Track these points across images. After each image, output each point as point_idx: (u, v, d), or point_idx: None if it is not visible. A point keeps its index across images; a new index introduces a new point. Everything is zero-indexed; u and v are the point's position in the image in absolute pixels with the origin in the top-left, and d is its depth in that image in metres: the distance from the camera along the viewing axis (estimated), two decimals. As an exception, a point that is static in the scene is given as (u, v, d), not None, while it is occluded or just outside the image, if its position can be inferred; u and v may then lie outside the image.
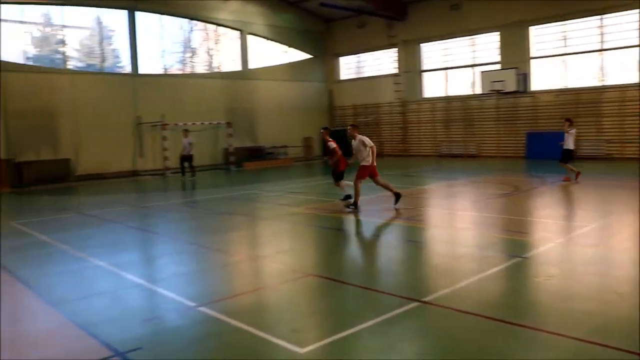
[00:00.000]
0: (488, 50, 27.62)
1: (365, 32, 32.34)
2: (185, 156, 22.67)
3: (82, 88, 24.54)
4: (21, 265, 8.58)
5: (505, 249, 8.46)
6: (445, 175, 19.80)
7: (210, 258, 8.93)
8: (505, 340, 4.98)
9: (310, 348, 4.89)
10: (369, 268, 8.07)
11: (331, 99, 35.01)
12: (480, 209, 12.35)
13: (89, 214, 13.63)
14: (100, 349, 5.05)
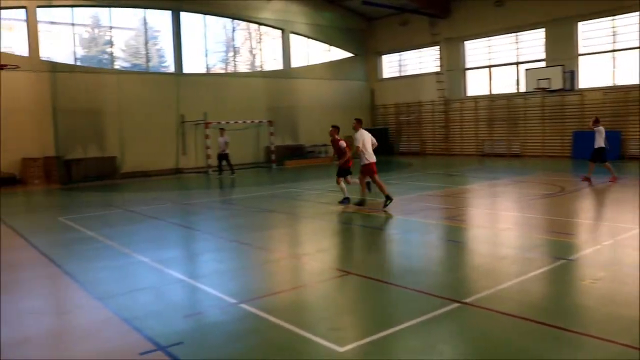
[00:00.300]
0: (533, 47, 27.08)
1: (408, 30, 32.10)
2: (222, 154, 22.92)
3: (128, 87, 25.10)
4: (68, 259, 8.82)
5: (550, 250, 8.27)
6: (487, 175, 19.48)
7: (251, 255, 9.00)
8: (548, 344, 4.86)
9: (349, 347, 4.87)
10: (409, 268, 8.00)
11: (373, 98, 34.88)
12: (523, 210, 12.11)
13: (134, 211, 13.92)
14: (143, 342, 5.14)
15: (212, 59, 29.38)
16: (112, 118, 24.73)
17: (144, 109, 25.38)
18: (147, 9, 26.39)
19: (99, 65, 26.00)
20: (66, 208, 15.39)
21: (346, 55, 33.90)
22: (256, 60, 31.12)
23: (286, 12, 30.63)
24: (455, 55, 30.26)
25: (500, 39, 28.38)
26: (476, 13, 28.67)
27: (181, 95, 26.48)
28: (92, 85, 24.21)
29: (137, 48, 27.37)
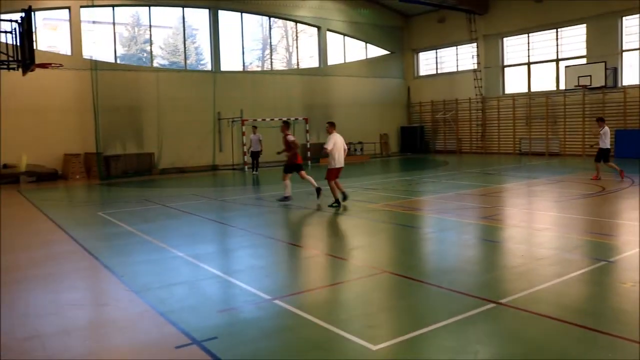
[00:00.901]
0: (573, 43, 26.50)
1: (445, 27, 31.78)
2: (256, 152, 22.83)
3: (166, 85, 25.50)
4: (107, 253, 9.00)
5: (589, 252, 8.08)
6: (525, 174, 19.15)
7: (285, 252, 9.04)
8: (586, 347, 4.75)
9: (383, 345, 4.85)
10: (444, 267, 7.91)
11: (409, 96, 34.65)
12: (562, 210, 11.86)
13: (170, 206, 14.12)
14: (179, 336, 5.21)
15: (249, 57, 29.65)
16: (150, 115, 25.16)
17: (182, 106, 25.75)
18: (185, 8, 26.73)
19: (139, 63, 26.49)
20: (105, 203, 15.71)
21: (382, 53, 33.74)
22: (292, 57, 31.23)
23: (323, 10, 30.65)
24: (493, 52, 29.83)
25: (540, 35, 27.85)
26: (515, 9, 28.19)
27: (218, 93, 26.76)
28: (131, 83, 24.68)
29: (175, 46, 27.79)
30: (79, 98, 23.38)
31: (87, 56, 23.96)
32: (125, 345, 5.20)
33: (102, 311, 6.24)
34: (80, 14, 23.82)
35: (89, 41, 24.38)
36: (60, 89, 23.01)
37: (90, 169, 23.35)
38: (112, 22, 25.00)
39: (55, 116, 22.81)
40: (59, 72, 22.01)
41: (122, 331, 5.55)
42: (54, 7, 23.46)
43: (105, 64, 24.34)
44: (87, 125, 23.45)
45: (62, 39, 24.14)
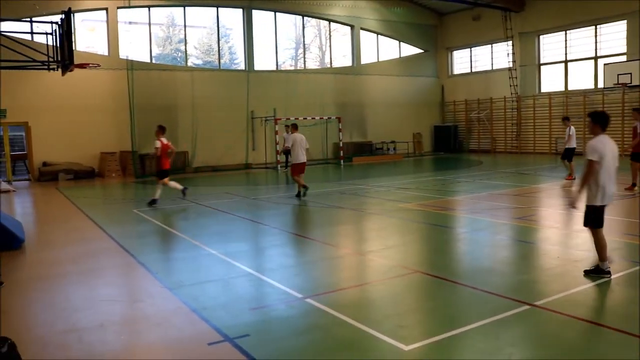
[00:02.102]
0: (613, 40, 25.86)
1: (480, 24, 31.38)
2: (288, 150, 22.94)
3: (200, 84, 25.78)
4: (142, 250, 9.15)
5: (627, 254, 7.88)
6: (561, 174, 18.77)
7: (317, 251, 9.05)
8: (622, 351, 4.64)
9: (414, 346, 4.82)
10: (478, 267, 7.82)
11: (443, 94, 34.33)
12: (601, 210, 11.58)
13: (204, 204, 14.27)
14: (211, 333, 5.27)
15: (282, 56, 29.74)
16: (184, 114, 25.48)
17: (215, 105, 26.00)
18: (219, 7, 26.98)
19: (173, 62, 26.84)
20: (140, 201, 15.95)
21: (416, 51, 33.51)
22: (325, 56, 31.24)
23: (356, 9, 30.58)
24: (529, 50, 29.33)
25: (578, 33, 27.27)
26: (552, 5, 27.65)
27: (251, 92, 26.94)
28: (166, 82, 25.03)
29: (209, 45, 28.07)
30: (115, 97, 23.81)
31: (123, 56, 24.37)
32: (159, 341, 5.28)
33: (137, 307, 6.34)
34: (117, 14, 24.26)
35: (125, 41, 24.80)
36: (97, 88, 23.48)
37: (126, 167, 23.77)
38: (147, 23, 25.38)
39: (92, 115, 23.28)
40: (96, 72, 22.45)
41: (155, 327, 5.63)
42: (92, 8, 23.93)
43: (141, 64, 24.73)
44: (122, 124, 23.87)
45: (100, 40, 24.62)
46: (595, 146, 6.54)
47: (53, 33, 15.44)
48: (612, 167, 6.63)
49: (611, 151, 6.63)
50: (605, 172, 6.56)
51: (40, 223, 13.01)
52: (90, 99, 23.29)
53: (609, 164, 6.57)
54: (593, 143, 6.59)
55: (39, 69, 16.91)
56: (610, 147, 6.64)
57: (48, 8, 20.68)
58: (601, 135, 6.69)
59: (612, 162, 6.60)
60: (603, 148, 6.54)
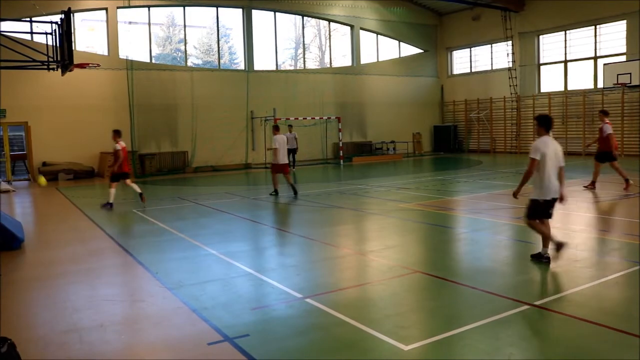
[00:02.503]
0: (613, 40, 25.87)
1: (480, 24, 31.40)
2: (291, 149, 23.29)
3: (200, 84, 25.80)
4: (142, 250, 9.16)
5: (628, 254, 7.88)
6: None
7: (318, 251, 9.05)
8: (624, 352, 4.64)
9: (414, 346, 4.83)
10: (478, 267, 7.83)
11: (442, 94, 34.35)
12: (600, 211, 11.62)
13: (204, 204, 14.27)
14: (211, 333, 5.28)
15: (282, 56, 29.75)
16: (184, 114, 25.49)
17: (215, 105, 26.01)
18: (219, 7, 26.98)
19: (173, 62, 26.84)
20: (140, 201, 15.95)
21: (416, 51, 33.51)
22: (325, 56, 31.25)
23: (356, 9, 30.58)
24: (529, 50, 29.34)
25: (577, 33, 27.28)
26: (552, 5, 27.66)
27: (251, 92, 26.95)
28: (166, 82, 25.03)
29: (209, 45, 28.07)
30: (114, 97, 23.81)
31: (123, 56, 24.37)
32: (159, 340, 5.28)
33: (137, 307, 6.34)
34: (117, 14, 24.26)
35: (125, 41, 24.80)
36: (96, 88, 23.48)
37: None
38: (147, 23, 25.39)
39: (91, 115, 23.27)
40: (95, 72, 22.46)
41: (156, 327, 5.64)
42: (91, 8, 23.93)
43: (141, 64, 24.73)
44: (122, 124, 23.78)
45: (99, 40, 24.62)
46: (538, 146, 7.27)
47: (53, 33, 15.45)
48: (554, 165, 7.33)
49: (553, 151, 7.32)
50: (548, 170, 7.27)
51: (40, 223, 13.01)
52: (90, 99, 23.29)
53: (551, 162, 7.27)
54: (536, 143, 7.32)
55: (38, 69, 16.92)
56: (553, 147, 7.35)
57: (48, 8, 20.68)
58: (545, 137, 7.37)
59: (554, 161, 7.30)
60: (545, 148, 7.25)
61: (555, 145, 7.38)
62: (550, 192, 7.32)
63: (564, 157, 7.45)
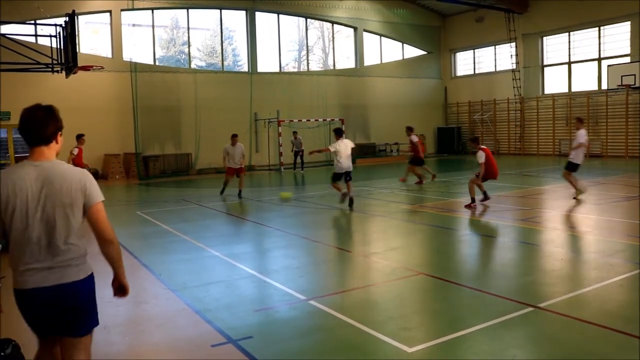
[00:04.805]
0: (617, 41, 25.81)
1: (483, 26, 31.38)
2: (298, 151, 23.74)
3: (204, 86, 25.83)
4: (145, 252, 9.16)
5: (632, 256, 7.85)
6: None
7: (321, 252, 9.05)
8: (628, 354, 4.62)
9: (418, 348, 4.82)
10: (482, 269, 7.82)
11: (446, 96, 34.32)
12: (604, 212, 11.58)
13: (207, 206, 14.29)
14: (215, 335, 5.28)
15: (285, 58, 29.77)
16: (188, 116, 25.53)
17: (219, 107, 26.04)
18: (223, 9, 27.03)
19: (177, 64, 26.89)
20: (144, 202, 15.99)
21: (419, 53, 33.50)
22: (329, 58, 31.26)
23: (359, 10, 30.59)
24: (533, 52, 29.30)
25: (581, 34, 27.24)
26: (555, 7, 27.62)
27: (254, 94, 26.97)
28: (169, 84, 25.08)
29: (213, 47, 28.12)
30: (118, 99, 23.86)
31: (127, 58, 24.44)
32: (163, 342, 5.29)
33: (141, 308, 6.35)
34: (121, 17, 24.32)
35: (129, 44, 24.86)
36: (100, 90, 23.53)
37: (130, 169, 23.82)
38: (151, 25, 25.44)
39: (95, 117, 23.30)
40: (99, 74, 22.51)
41: (159, 328, 5.64)
42: (95, 10, 24.00)
43: (145, 66, 24.79)
44: (126, 126, 23.92)
45: (103, 42, 24.68)
46: (335, 145, 13.09)
47: (57, 35, 15.49)
48: (346, 152, 13.10)
49: (345, 145, 13.20)
50: (341, 155, 13.10)
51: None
52: (94, 101, 23.33)
53: (344, 152, 13.09)
54: (335, 144, 13.22)
55: (43, 72, 16.95)
56: (345, 144, 13.25)
57: (52, 10, 20.76)
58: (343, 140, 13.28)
59: (345, 151, 13.12)
60: (337, 145, 13.05)
61: (348, 142, 13.56)
62: (343, 168, 13.49)
63: None
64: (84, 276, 3.40)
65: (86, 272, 3.44)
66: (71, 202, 3.28)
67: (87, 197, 3.33)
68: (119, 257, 3.50)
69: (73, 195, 3.28)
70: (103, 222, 3.41)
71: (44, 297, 3.24)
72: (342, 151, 13.25)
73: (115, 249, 3.45)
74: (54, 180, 3.25)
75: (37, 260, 3.23)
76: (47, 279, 3.23)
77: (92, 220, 3.39)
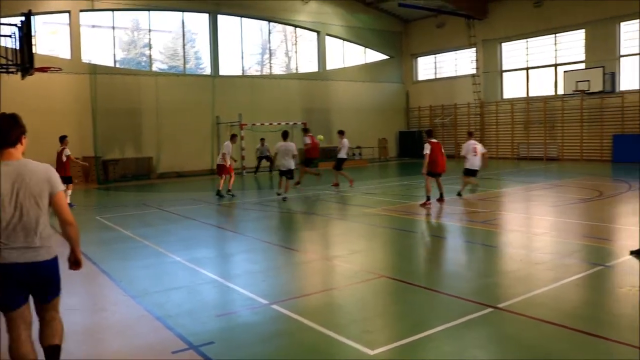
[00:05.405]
0: (572, 48, 26.58)
1: (444, 32, 31.86)
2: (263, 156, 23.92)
3: (165, 89, 25.53)
4: (105, 258, 8.98)
5: (587, 256, 8.08)
6: (523, 179, 19.19)
7: (283, 256, 9.04)
8: (583, 352, 4.75)
9: (380, 350, 4.85)
10: (442, 271, 7.93)
11: (408, 100, 34.70)
12: (560, 214, 11.87)
13: (168, 211, 14.11)
14: (176, 341, 5.21)
15: (248, 61, 29.66)
16: (149, 119, 25.18)
17: (181, 110, 25.76)
18: (185, 12, 26.77)
19: (138, 67, 26.50)
20: (103, 207, 15.71)
21: (381, 58, 33.80)
22: (291, 62, 31.27)
23: (322, 15, 30.70)
24: (492, 57, 29.89)
25: (538, 41, 27.93)
26: (514, 14, 28.27)
27: (217, 97, 26.79)
28: (130, 87, 24.70)
29: (174, 50, 27.81)
30: (77, 102, 23.39)
31: (86, 60, 23.98)
32: (122, 350, 5.19)
33: (100, 316, 6.23)
34: (80, 18, 23.85)
35: (88, 45, 24.40)
36: (59, 92, 23.01)
37: (89, 173, 23.33)
38: (111, 27, 25.03)
39: (53, 120, 22.74)
40: (58, 76, 22.01)
41: (118, 336, 5.55)
42: (53, 10, 23.48)
43: (105, 68, 24.37)
44: (85, 130, 23.45)
45: (62, 43, 24.16)
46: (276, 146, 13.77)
47: (12, 36, 15.10)
48: (283, 153, 14.05)
49: (284, 147, 14.59)
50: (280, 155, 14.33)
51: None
52: (52, 104, 22.80)
53: (282, 153, 14.07)
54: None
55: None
56: (284, 145, 14.70)
57: (7, 10, 20.20)
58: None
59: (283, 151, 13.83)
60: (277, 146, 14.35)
61: (284, 145, 14.56)
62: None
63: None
64: (52, 256, 4.16)
65: (54, 254, 4.19)
66: (40, 192, 4.01)
67: (51, 187, 4.07)
68: (77, 236, 4.26)
69: (41, 187, 4.03)
70: (65, 207, 4.16)
71: (21, 271, 3.99)
72: (280, 151, 15.43)
73: (74, 229, 4.20)
74: (25, 175, 3.99)
75: (13, 241, 3.96)
76: (23, 256, 3.98)
77: (55, 206, 4.12)
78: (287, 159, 15.31)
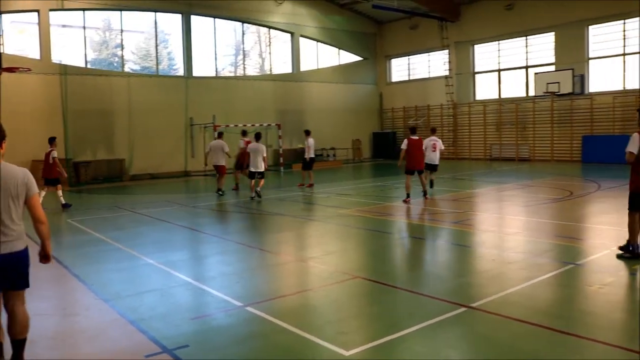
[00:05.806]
0: (543, 51, 27.02)
1: (417, 33, 32.11)
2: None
3: (138, 90, 25.25)
4: (77, 261, 8.86)
5: (558, 255, 8.22)
6: (495, 179, 19.43)
7: (258, 258, 9.01)
8: (554, 349, 4.83)
9: (355, 351, 4.87)
10: (416, 272, 7.99)
11: (381, 101, 34.88)
12: (531, 214, 12.05)
13: (141, 213, 13.97)
14: (149, 345, 5.16)
15: (222, 62, 29.50)
16: (121, 120, 24.88)
17: (153, 111, 25.51)
18: (157, 12, 26.52)
19: (110, 68, 26.15)
20: (75, 210, 15.46)
21: (355, 59, 33.92)
22: (265, 63, 31.20)
23: (296, 16, 30.69)
24: (465, 59, 30.21)
25: (510, 43, 28.33)
26: (486, 16, 28.62)
27: (190, 98, 26.60)
28: (102, 88, 24.37)
29: (147, 51, 27.52)
30: (47, 103, 22.99)
31: (56, 60, 23.59)
32: (94, 354, 5.12)
33: (71, 320, 6.14)
34: (50, 17, 23.45)
35: (58, 45, 24.02)
36: (28, 93, 22.58)
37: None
38: (82, 26, 24.66)
39: (22, 121, 22.33)
40: (27, 77, 21.63)
41: (90, 340, 5.47)
42: (22, 9, 23.06)
43: (75, 69, 24.00)
44: (55, 131, 22.92)
45: (31, 43, 23.73)
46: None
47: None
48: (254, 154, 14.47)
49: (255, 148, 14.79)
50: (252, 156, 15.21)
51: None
52: (21, 105, 22.35)
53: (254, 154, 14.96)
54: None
55: (-36, 73, 16.17)
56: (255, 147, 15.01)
57: (-26, 9, 19.82)
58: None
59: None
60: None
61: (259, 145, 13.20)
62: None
63: None
64: (24, 247, 4.60)
65: (25, 245, 4.63)
66: (17, 194, 4.52)
67: (28, 189, 4.58)
68: (48, 234, 4.67)
69: (19, 189, 4.54)
70: (38, 207, 4.65)
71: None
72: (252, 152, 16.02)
73: (45, 228, 4.62)
74: (6, 178, 4.51)
75: None
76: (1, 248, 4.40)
77: (30, 206, 4.60)
78: (258, 159, 15.84)
